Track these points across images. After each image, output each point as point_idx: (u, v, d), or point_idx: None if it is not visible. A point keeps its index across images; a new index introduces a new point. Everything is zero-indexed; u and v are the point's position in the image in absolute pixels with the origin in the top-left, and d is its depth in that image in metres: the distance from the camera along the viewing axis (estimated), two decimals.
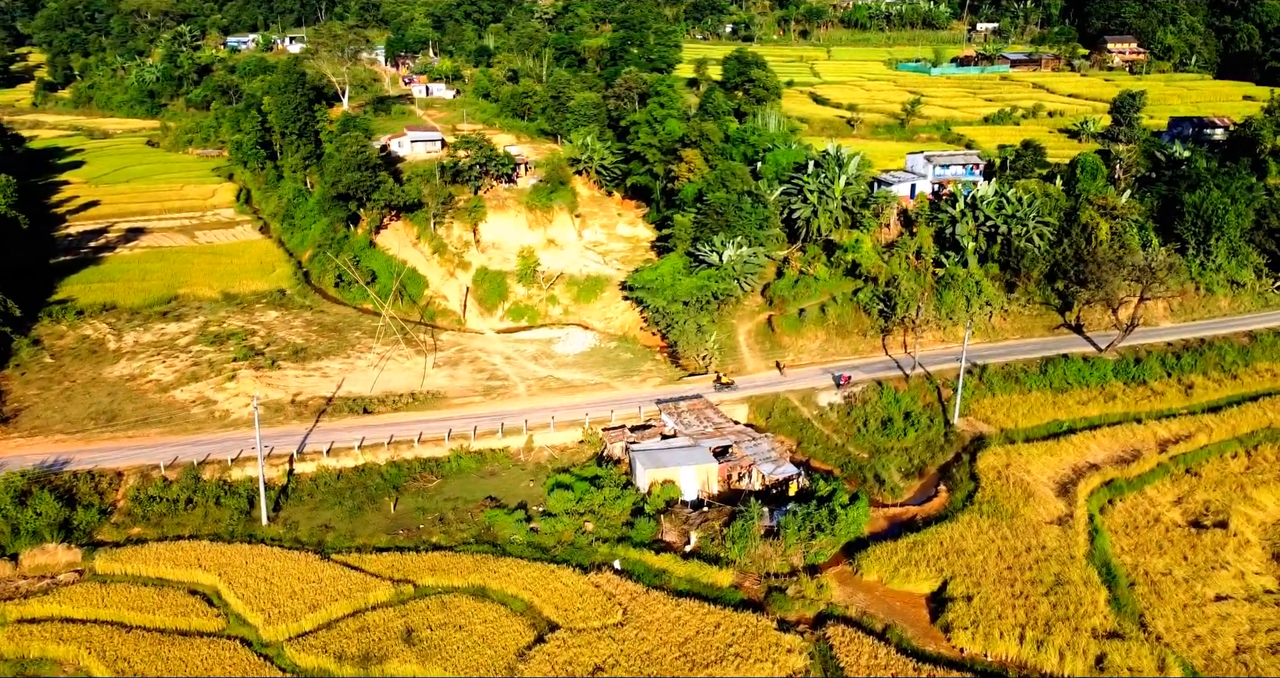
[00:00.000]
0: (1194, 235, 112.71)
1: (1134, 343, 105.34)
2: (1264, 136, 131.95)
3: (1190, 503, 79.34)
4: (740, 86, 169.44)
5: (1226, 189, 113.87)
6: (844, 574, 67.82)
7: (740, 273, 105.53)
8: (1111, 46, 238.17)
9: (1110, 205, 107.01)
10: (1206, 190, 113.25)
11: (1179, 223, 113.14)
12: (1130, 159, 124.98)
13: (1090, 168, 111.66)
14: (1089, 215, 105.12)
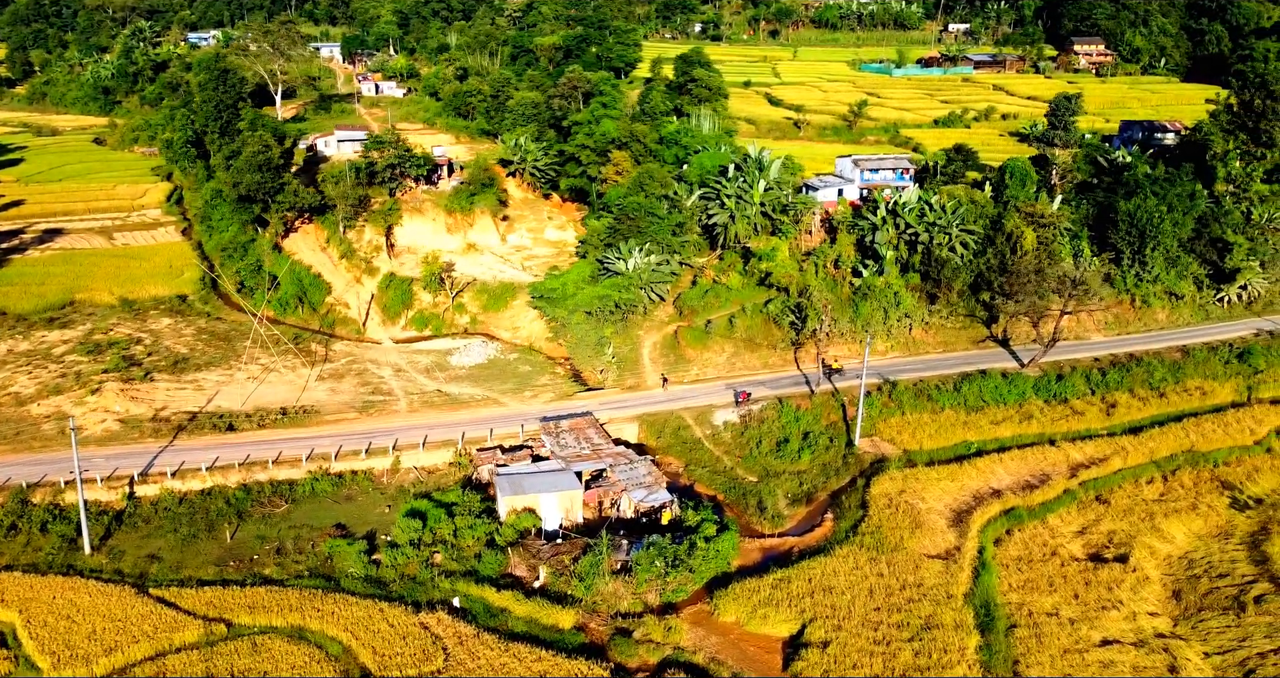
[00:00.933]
0: (1129, 245, 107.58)
1: (1061, 358, 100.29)
2: (1213, 141, 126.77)
3: (1094, 534, 74.22)
4: (684, 87, 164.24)
5: (1163, 197, 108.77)
6: (701, 614, 62.53)
7: (647, 282, 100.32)
8: (1078, 48, 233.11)
9: (1038, 213, 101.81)
10: (1143, 198, 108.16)
11: (1113, 232, 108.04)
12: (1067, 164, 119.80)
13: (1020, 173, 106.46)
14: (1014, 223, 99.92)
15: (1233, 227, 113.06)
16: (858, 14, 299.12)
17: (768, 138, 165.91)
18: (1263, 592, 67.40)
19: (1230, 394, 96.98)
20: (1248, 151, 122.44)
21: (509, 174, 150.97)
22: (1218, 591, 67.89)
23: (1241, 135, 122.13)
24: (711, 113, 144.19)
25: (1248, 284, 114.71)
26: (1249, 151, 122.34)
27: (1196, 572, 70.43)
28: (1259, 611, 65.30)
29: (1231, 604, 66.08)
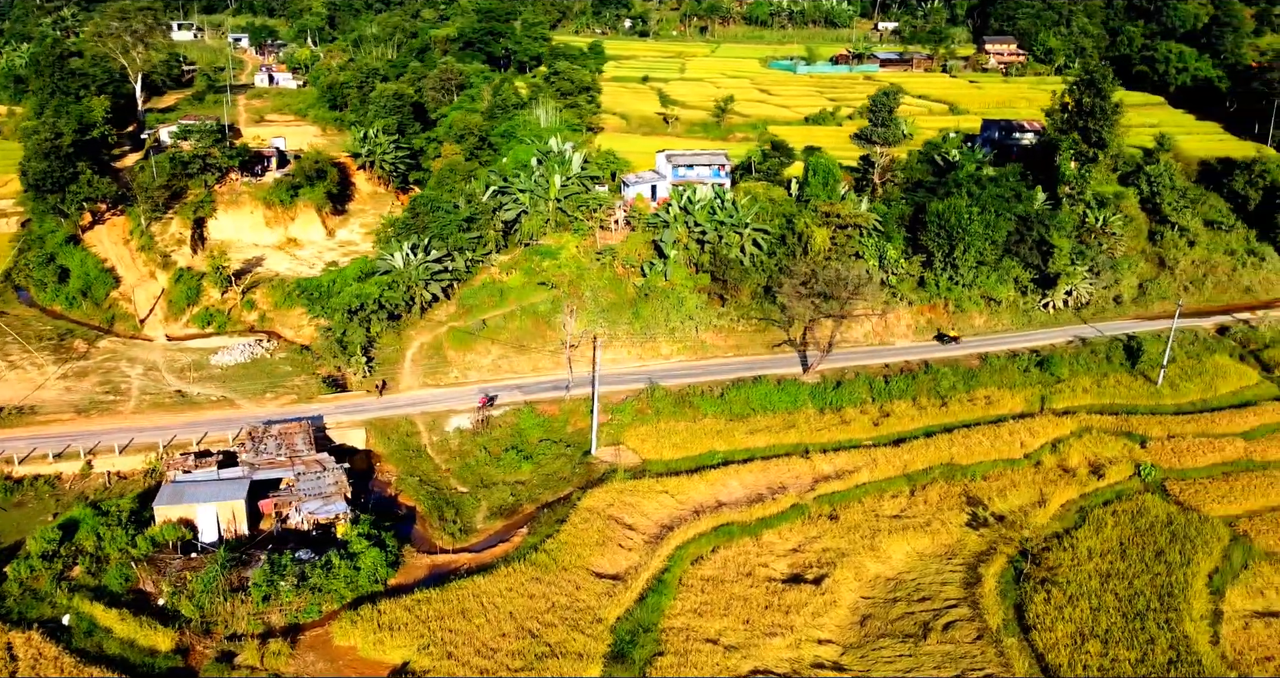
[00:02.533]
0: (939, 247, 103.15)
1: (858, 364, 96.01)
2: (1061, 142, 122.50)
3: (807, 552, 69.88)
4: (549, 79, 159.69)
5: (977, 198, 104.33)
6: (321, 638, 58.01)
7: (417, 278, 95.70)
8: (989, 48, 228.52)
9: (834, 213, 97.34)
10: (957, 198, 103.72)
11: (923, 233, 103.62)
12: (887, 163, 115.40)
13: (822, 171, 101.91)
14: (803, 223, 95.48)
15: (1059, 230, 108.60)
16: (788, 11, 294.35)
17: (637, 133, 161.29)
18: (956, 618, 63.19)
19: (1021, 404, 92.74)
20: (1081, 153, 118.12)
21: (360, 167, 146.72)
22: (911, 616, 63.62)
23: (1074, 135, 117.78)
24: (556, 107, 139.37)
25: (1073, 289, 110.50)
26: (1082, 153, 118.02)
27: (899, 594, 66.17)
28: (942, 638, 61.06)
29: (917, 631, 61.83)
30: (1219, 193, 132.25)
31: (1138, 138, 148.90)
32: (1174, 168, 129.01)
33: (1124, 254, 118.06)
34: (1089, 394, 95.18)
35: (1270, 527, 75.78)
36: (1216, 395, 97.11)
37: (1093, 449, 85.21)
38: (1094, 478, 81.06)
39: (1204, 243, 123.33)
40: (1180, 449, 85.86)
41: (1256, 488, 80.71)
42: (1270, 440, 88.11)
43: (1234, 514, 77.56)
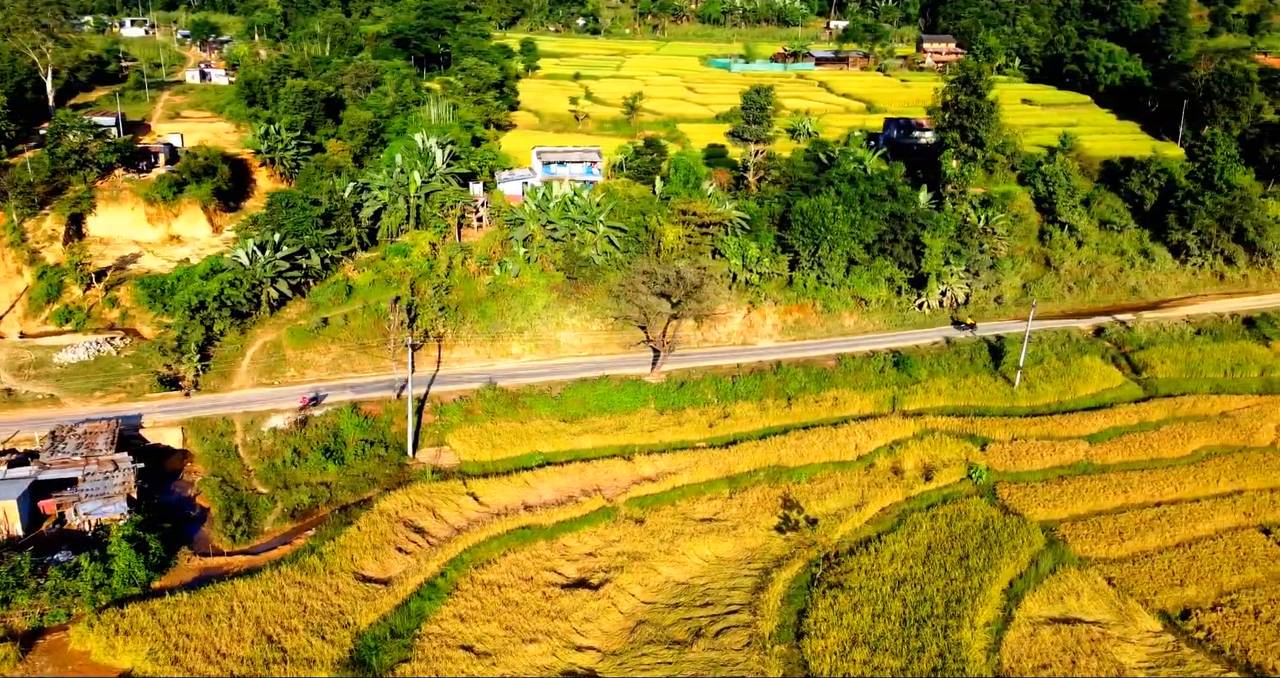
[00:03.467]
0: (805, 246, 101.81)
1: (705, 365, 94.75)
2: (949, 140, 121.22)
3: (601, 557, 68.60)
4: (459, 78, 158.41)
5: (845, 196, 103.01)
6: (58, 643, 56.65)
7: (263, 276, 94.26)
8: (926, 47, 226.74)
9: (691, 211, 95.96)
10: (825, 197, 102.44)
11: (788, 231, 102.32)
12: (760, 160, 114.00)
13: (683, 168, 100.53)
14: (655, 221, 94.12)
15: (934, 229, 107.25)
16: (740, 9, 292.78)
17: (550, 130, 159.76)
18: (732, 624, 61.92)
19: (871, 405, 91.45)
20: (961, 152, 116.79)
21: (262, 164, 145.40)
22: (687, 622, 62.29)
23: (954, 134, 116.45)
24: (452, 104, 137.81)
25: (949, 290, 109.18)
26: (962, 152, 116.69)
27: (683, 600, 64.85)
28: (710, 645, 59.78)
29: (687, 638, 60.53)
30: (1117, 193, 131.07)
31: (1048, 137, 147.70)
32: (1070, 167, 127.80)
33: (1007, 254, 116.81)
34: (944, 396, 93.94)
35: (1090, 531, 74.46)
36: (1074, 397, 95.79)
37: (931, 452, 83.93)
38: (923, 481, 79.72)
39: (1093, 243, 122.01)
40: (1019, 452, 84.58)
41: (1087, 492, 79.43)
42: (1113, 443, 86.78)
43: (1057, 518, 76.27)
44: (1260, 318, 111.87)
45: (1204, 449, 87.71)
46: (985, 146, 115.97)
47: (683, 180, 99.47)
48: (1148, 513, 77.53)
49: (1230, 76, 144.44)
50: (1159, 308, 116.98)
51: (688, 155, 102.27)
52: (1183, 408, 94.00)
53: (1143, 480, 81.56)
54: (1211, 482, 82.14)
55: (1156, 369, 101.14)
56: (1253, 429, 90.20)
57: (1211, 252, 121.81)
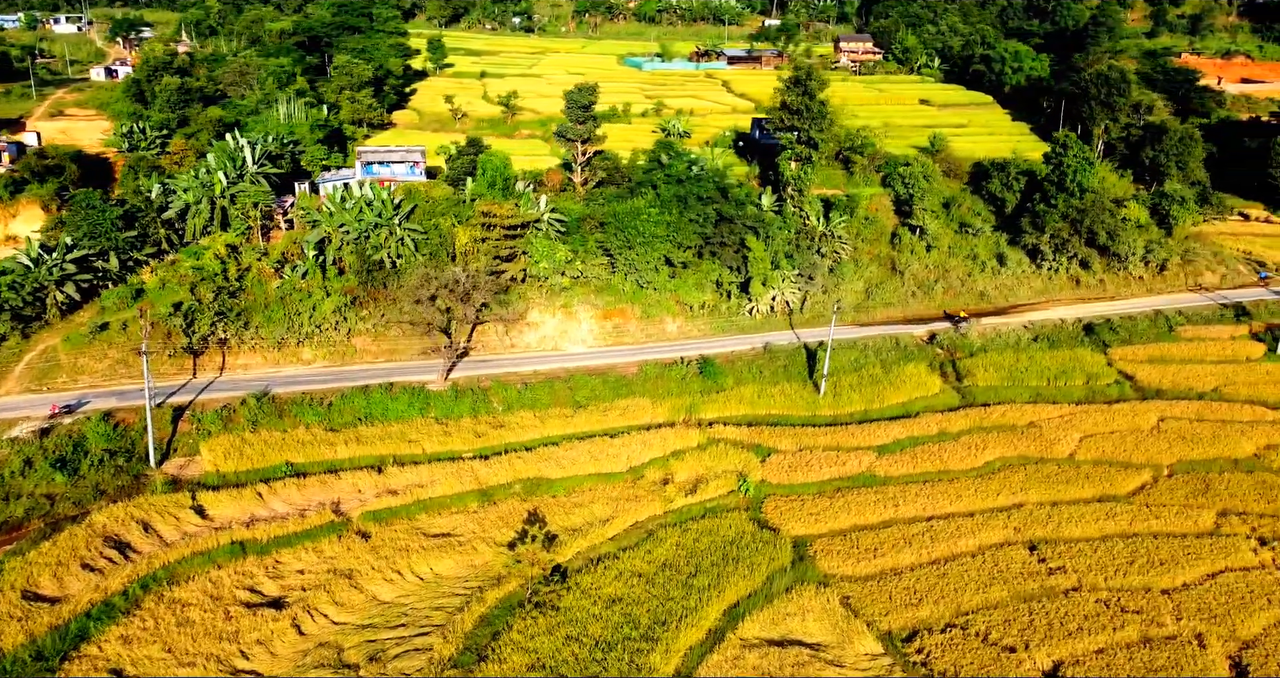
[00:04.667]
0: (618, 249, 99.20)
1: (500, 371, 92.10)
2: (784, 141, 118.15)
3: (310, 574, 66.05)
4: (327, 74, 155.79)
5: (664, 199, 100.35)
6: None
7: (48, 278, 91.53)
8: (844, 46, 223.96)
9: (493, 213, 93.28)
10: (639, 198, 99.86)
11: (603, 233, 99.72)
12: (585, 160, 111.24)
13: (492, 169, 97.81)
14: (449, 224, 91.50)
15: (763, 232, 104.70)
16: (677, 8, 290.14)
17: (427, 130, 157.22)
18: (416, 647, 59.29)
19: (665, 414, 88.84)
20: (797, 154, 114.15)
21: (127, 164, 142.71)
22: (372, 644, 59.66)
23: (789, 135, 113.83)
24: (303, 102, 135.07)
25: (779, 294, 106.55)
26: (798, 154, 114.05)
27: (378, 621, 62.22)
28: (382, 670, 57.13)
29: (359, 661, 57.85)
30: (981, 196, 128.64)
31: (922, 138, 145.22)
32: (932, 169, 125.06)
33: (851, 258, 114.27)
34: (745, 404, 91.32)
35: (845, 547, 71.82)
36: (882, 406, 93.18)
37: (710, 463, 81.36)
38: (684, 495, 77.07)
39: (945, 246, 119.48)
40: (799, 463, 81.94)
41: (856, 505, 76.81)
42: (902, 455, 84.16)
43: (814, 534, 73.66)
44: (1102, 324, 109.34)
45: (998, 461, 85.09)
46: (819, 148, 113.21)
47: (489, 182, 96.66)
48: (914, 528, 74.92)
49: (1107, 77, 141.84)
50: (1006, 313, 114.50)
51: (497, 156, 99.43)
52: (991, 417, 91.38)
53: (920, 494, 78.97)
54: (992, 495, 79.55)
55: (977, 377, 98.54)
56: (1054, 440, 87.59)
57: (1066, 256, 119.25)
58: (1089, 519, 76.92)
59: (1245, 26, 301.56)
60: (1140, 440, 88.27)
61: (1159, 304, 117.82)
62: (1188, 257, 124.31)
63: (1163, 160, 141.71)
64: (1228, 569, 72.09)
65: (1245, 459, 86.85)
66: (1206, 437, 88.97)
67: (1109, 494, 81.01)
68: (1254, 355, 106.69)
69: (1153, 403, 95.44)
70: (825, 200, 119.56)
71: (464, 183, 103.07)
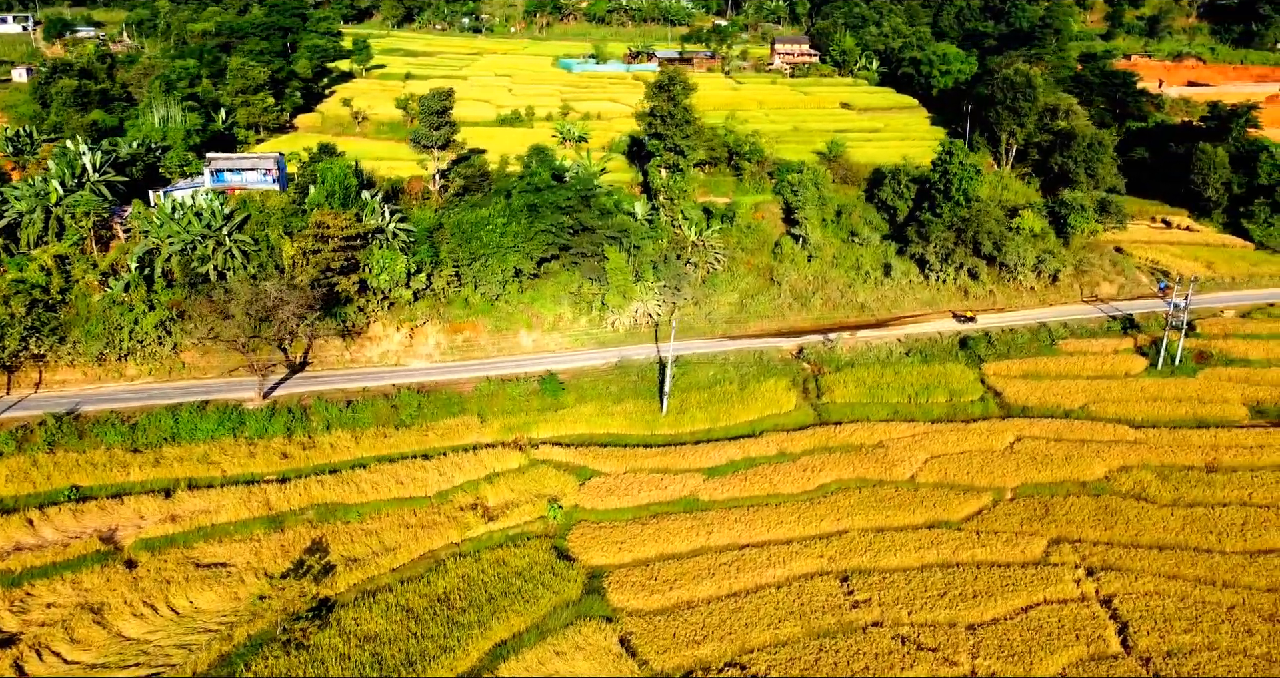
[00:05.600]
0: (464, 260, 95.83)
1: (331, 388, 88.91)
2: (651, 147, 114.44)
3: (57, 608, 62.68)
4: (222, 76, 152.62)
5: (514, 208, 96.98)
6: None
7: None
8: (779, 48, 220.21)
9: (325, 222, 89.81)
10: (487, 207, 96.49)
11: (445, 244, 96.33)
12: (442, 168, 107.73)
13: (331, 179, 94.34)
14: (276, 234, 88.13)
15: (624, 243, 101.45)
16: (626, 8, 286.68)
17: (329, 133, 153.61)
18: None
19: (495, 433, 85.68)
20: (667, 163, 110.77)
21: (13, 168, 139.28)
22: None
23: (656, 142, 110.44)
24: (170, 102, 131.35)
25: (642, 306, 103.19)
26: (668, 163, 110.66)
27: (114, 659, 59.01)
28: None
29: None
30: (873, 203, 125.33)
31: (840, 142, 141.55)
32: (820, 176, 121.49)
33: (726, 268, 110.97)
34: (583, 423, 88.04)
35: (644, 578, 68.50)
36: (727, 425, 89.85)
37: (525, 487, 78.07)
38: (486, 521, 73.75)
39: (828, 256, 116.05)
40: (620, 487, 78.66)
41: (668, 533, 73.49)
42: (732, 478, 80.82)
43: (614, 564, 70.39)
44: (979, 337, 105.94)
45: (835, 484, 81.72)
46: (688, 155, 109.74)
47: (328, 191, 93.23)
48: (724, 557, 71.58)
49: (1012, 82, 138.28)
50: (887, 325, 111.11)
51: (338, 164, 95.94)
52: (838, 437, 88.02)
53: (740, 520, 75.62)
54: (816, 521, 76.19)
55: (836, 394, 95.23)
56: (897, 462, 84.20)
57: (953, 266, 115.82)
58: (911, 547, 73.61)
59: (1205, 28, 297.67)
60: (988, 462, 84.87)
61: (1048, 316, 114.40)
62: (1082, 267, 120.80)
63: (1071, 167, 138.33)
64: (1044, 602, 68.87)
65: (1094, 482, 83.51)
66: (1059, 458, 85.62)
67: (941, 520, 77.66)
68: (1134, 370, 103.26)
69: (1013, 422, 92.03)
70: (708, 209, 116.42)
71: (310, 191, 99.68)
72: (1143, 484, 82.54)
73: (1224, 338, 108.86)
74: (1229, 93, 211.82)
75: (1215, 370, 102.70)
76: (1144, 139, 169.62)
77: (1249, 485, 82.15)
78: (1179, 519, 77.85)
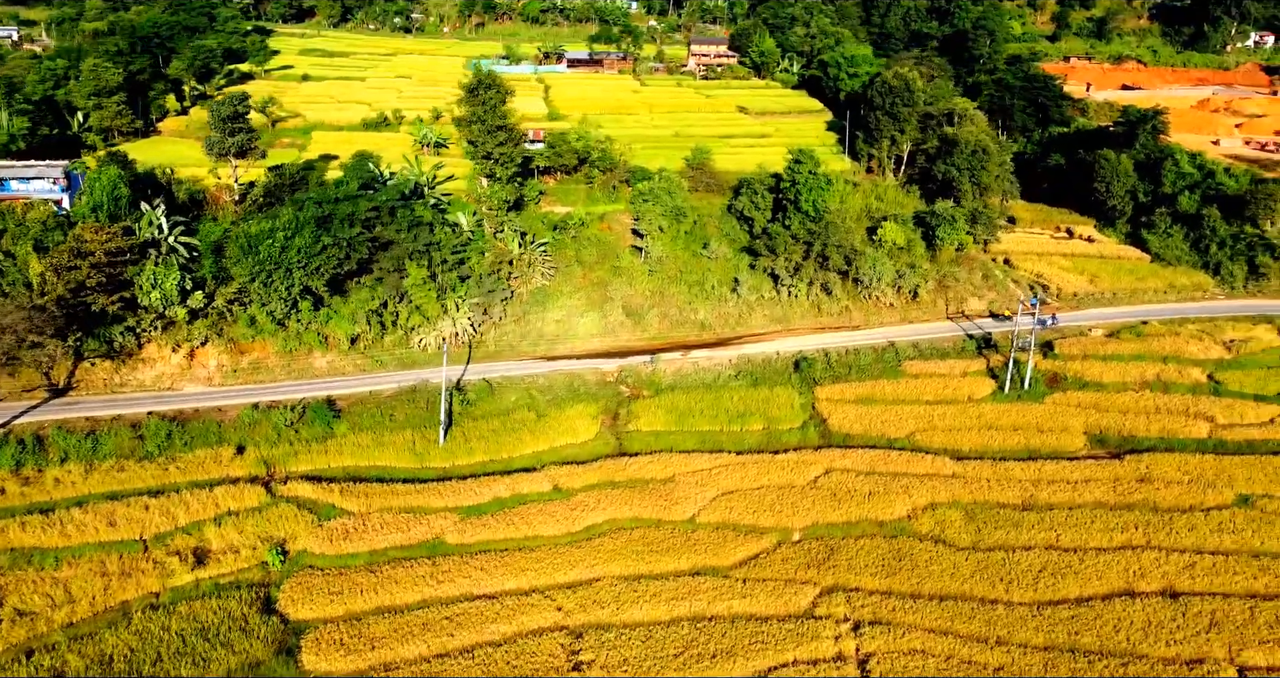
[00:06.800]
0: (242, 276, 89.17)
1: (82, 415, 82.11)
2: (466, 154, 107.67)
3: None
4: None
5: (301, 220, 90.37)
6: None
7: None
8: (695, 49, 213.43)
9: (85, 237, 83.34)
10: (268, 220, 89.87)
11: (225, 260, 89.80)
12: (237, 176, 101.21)
13: (100, 189, 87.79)
14: (24, 250, 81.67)
15: (422, 256, 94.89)
16: (561, 8, 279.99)
17: (191, 138, 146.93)
18: None
19: (246, 467, 78.96)
20: (488, 172, 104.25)
21: None
22: None
23: (469, 148, 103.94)
24: (8, 111, 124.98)
25: (452, 326, 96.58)
26: (488, 172, 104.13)
27: None
28: None
29: None
30: (732, 214, 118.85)
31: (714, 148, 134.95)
32: (673, 184, 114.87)
33: (555, 284, 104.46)
34: (350, 454, 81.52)
35: (347, 636, 62.10)
36: (510, 457, 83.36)
37: (257, 528, 71.44)
38: (191, 569, 67.19)
39: (670, 271, 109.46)
40: (360, 529, 72.14)
41: (396, 582, 67.15)
42: (490, 518, 74.30)
43: (324, 618, 64.19)
44: (819, 357, 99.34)
45: (606, 524, 75.19)
46: (506, 165, 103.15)
47: (94, 204, 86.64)
48: (450, 611, 65.13)
49: (890, 86, 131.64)
50: (727, 344, 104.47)
51: (106, 173, 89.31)
52: (627, 470, 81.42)
53: (484, 566, 69.17)
54: (567, 568, 69.65)
55: (642, 421, 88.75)
56: (682, 499, 77.64)
57: (804, 282, 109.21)
58: (664, 598, 67.14)
59: (1155, 30, 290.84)
60: (783, 499, 78.32)
61: (907, 334, 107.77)
62: (946, 281, 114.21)
63: (955, 175, 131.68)
64: (794, 662, 62.66)
65: (893, 522, 76.98)
66: (862, 494, 79.13)
67: (708, 567, 71.11)
68: (979, 395, 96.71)
69: (827, 452, 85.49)
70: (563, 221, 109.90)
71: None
72: (944, 524, 76.04)
73: (1082, 359, 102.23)
74: (1160, 97, 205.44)
75: (1065, 395, 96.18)
76: (1063, 145, 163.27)
77: (1060, 526, 75.68)
78: (972, 565, 71.44)
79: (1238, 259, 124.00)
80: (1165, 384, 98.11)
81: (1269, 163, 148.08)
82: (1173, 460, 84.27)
